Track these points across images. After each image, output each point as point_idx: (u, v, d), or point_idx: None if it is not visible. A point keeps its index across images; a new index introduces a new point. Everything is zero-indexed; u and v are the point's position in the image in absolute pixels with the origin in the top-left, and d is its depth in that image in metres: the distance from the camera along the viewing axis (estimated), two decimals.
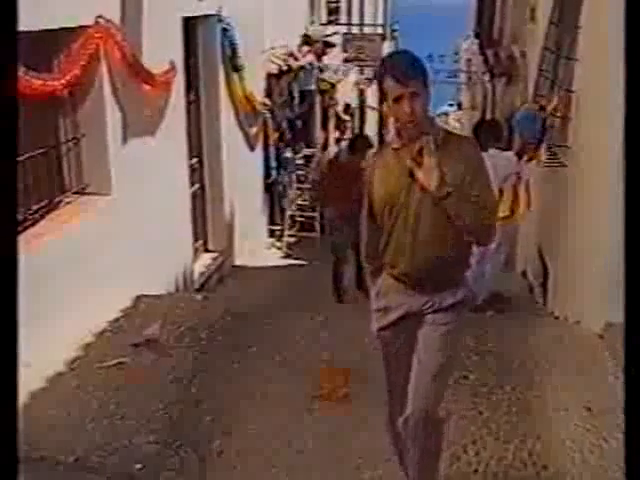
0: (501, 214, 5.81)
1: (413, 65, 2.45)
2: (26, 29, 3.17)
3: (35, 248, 3.89)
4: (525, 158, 6.12)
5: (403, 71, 2.41)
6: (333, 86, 13.28)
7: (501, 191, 5.74)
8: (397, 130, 2.58)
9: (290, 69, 10.04)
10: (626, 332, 1.28)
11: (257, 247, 9.06)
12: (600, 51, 4.66)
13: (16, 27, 1.18)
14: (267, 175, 9.52)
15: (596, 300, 4.56)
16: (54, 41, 4.33)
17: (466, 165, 2.48)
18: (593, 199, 4.74)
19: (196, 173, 7.17)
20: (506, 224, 5.88)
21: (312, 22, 12.43)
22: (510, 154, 6.09)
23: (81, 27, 4.40)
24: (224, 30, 7.22)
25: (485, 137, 5.81)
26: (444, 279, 2.61)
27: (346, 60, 14.35)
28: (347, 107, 15.45)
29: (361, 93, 17.77)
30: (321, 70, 12.17)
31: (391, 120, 2.60)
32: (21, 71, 3.66)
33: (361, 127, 17.89)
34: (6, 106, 1.21)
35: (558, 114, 5.75)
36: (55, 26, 4.11)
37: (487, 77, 14.35)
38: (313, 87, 11.91)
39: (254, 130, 8.68)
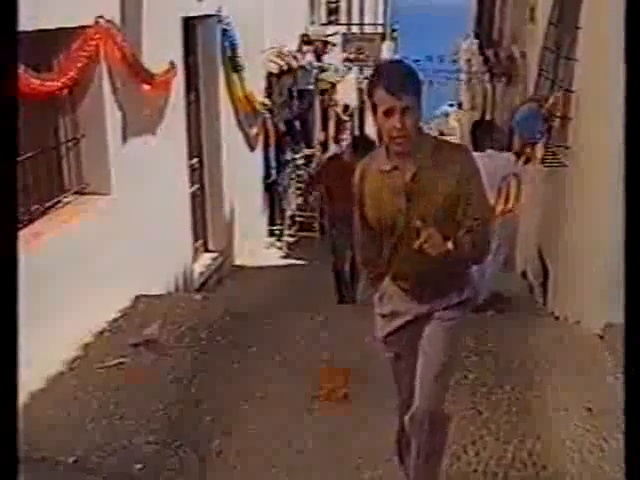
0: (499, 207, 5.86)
1: (407, 77, 2.35)
2: (26, 29, 3.17)
3: (35, 248, 3.89)
4: (523, 158, 6.14)
5: (397, 83, 2.30)
6: (333, 86, 13.28)
7: (500, 191, 5.76)
8: (386, 148, 2.48)
9: (290, 69, 10.04)
10: (626, 332, 1.28)
11: (257, 247, 9.06)
12: (600, 51, 4.66)
13: (16, 27, 1.18)
14: (267, 175, 9.52)
15: (596, 300, 4.56)
16: (54, 41, 4.33)
17: (459, 176, 2.42)
18: (593, 199, 4.74)
19: (196, 173, 7.17)
20: (505, 218, 5.92)
21: (312, 22, 12.44)
22: (509, 154, 6.11)
23: (81, 27, 4.40)
24: (224, 30, 7.22)
25: (482, 137, 5.86)
26: (450, 284, 2.60)
27: (346, 60, 14.35)
28: (346, 108, 15.44)
29: (361, 93, 17.76)
30: (321, 70, 12.17)
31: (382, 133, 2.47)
32: (21, 71, 3.65)
33: (361, 127, 17.90)
34: (6, 106, 1.20)
35: (558, 114, 5.75)
36: (55, 26, 4.11)
37: (487, 77, 14.34)
38: (313, 87, 11.91)
39: (254, 130, 8.68)
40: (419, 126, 2.44)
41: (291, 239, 10.12)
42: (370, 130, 18.07)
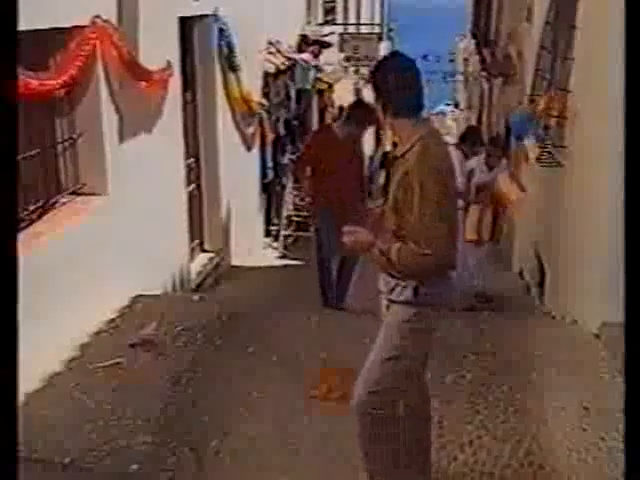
0: (468, 237, 6.09)
1: (407, 67, 2.68)
2: (24, 29, 3.16)
3: (34, 248, 3.88)
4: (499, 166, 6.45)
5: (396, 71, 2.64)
6: (330, 86, 13.27)
7: (467, 208, 6.02)
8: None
9: (287, 69, 10.02)
10: (626, 332, 1.28)
11: (254, 247, 9.05)
12: (597, 51, 4.67)
13: (16, 27, 1.18)
14: (264, 175, 9.51)
15: (593, 300, 4.58)
16: (51, 41, 4.32)
17: (429, 169, 2.56)
18: (590, 199, 4.75)
19: (193, 173, 7.16)
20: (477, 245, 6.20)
21: (309, 22, 12.43)
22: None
23: (78, 27, 4.39)
24: (221, 30, 7.21)
25: (470, 143, 6.14)
26: (393, 278, 2.73)
27: (343, 60, 14.34)
28: (341, 110, 15.39)
29: (358, 93, 17.75)
30: (318, 70, 12.16)
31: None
32: (19, 71, 3.64)
33: None
34: (6, 106, 1.20)
35: (554, 114, 5.76)
36: (53, 26, 4.10)
37: (484, 77, 14.37)
38: (310, 87, 11.90)
39: (251, 130, 8.67)
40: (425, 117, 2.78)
41: (288, 239, 10.11)
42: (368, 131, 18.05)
